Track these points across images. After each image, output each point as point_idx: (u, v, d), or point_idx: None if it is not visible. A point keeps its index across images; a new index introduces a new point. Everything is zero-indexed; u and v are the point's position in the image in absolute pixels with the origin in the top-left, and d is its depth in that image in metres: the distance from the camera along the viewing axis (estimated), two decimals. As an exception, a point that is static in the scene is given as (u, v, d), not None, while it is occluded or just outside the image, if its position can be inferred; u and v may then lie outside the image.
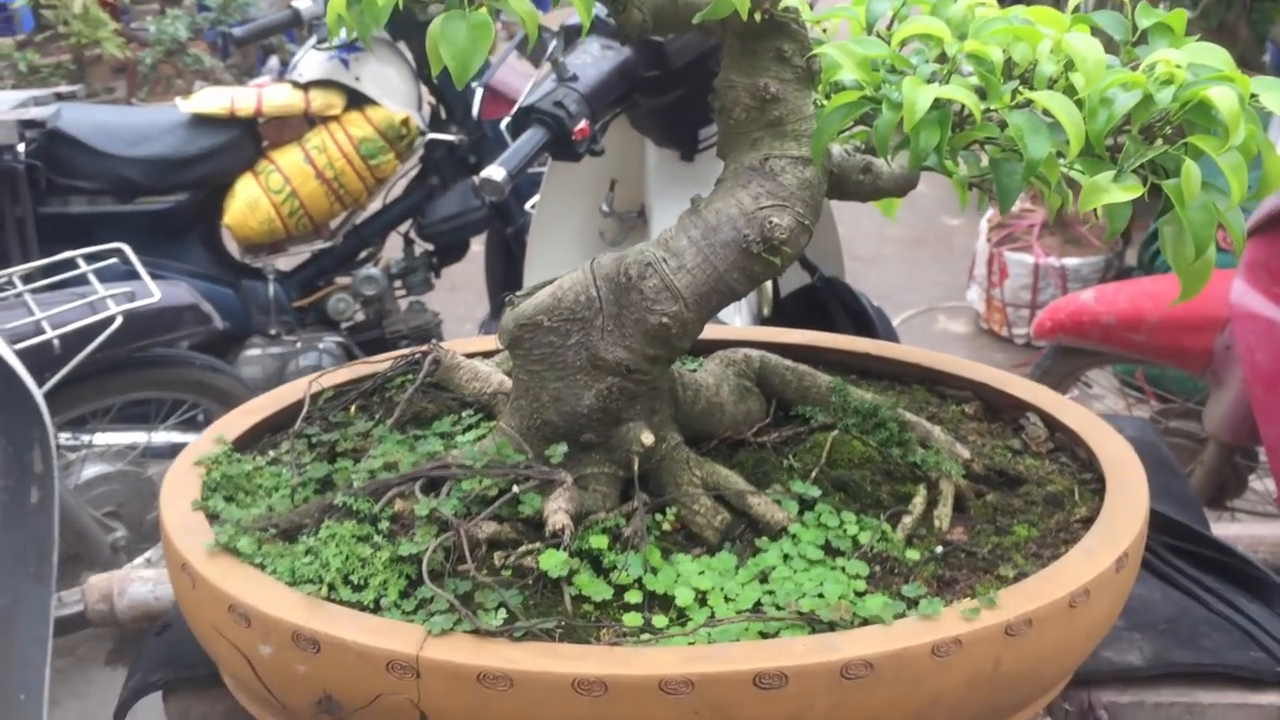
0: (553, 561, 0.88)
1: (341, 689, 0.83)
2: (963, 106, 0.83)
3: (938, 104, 0.81)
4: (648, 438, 0.96)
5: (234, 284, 3.30)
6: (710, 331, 1.29)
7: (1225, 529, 1.38)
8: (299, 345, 3.29)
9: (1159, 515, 1.24)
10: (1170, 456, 1.42)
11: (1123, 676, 1.03)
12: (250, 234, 3.25)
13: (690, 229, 0.93)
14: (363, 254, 3.49)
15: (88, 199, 3.18)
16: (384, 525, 0.91)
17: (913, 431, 1.06)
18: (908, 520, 0.97)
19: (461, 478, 0.94)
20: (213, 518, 0.97)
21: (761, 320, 2.93)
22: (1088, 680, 1.02)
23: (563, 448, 0.96)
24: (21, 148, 3.01)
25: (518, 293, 0.99)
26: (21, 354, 2.54)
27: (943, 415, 1.16)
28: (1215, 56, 0.83)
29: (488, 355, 1.22)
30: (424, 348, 1.14)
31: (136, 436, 2.99)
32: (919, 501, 0.99)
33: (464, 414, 1.09)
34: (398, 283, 3.54)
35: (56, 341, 2.55)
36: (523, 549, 0.90)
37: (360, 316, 3.47)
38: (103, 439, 3.03)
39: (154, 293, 2.65)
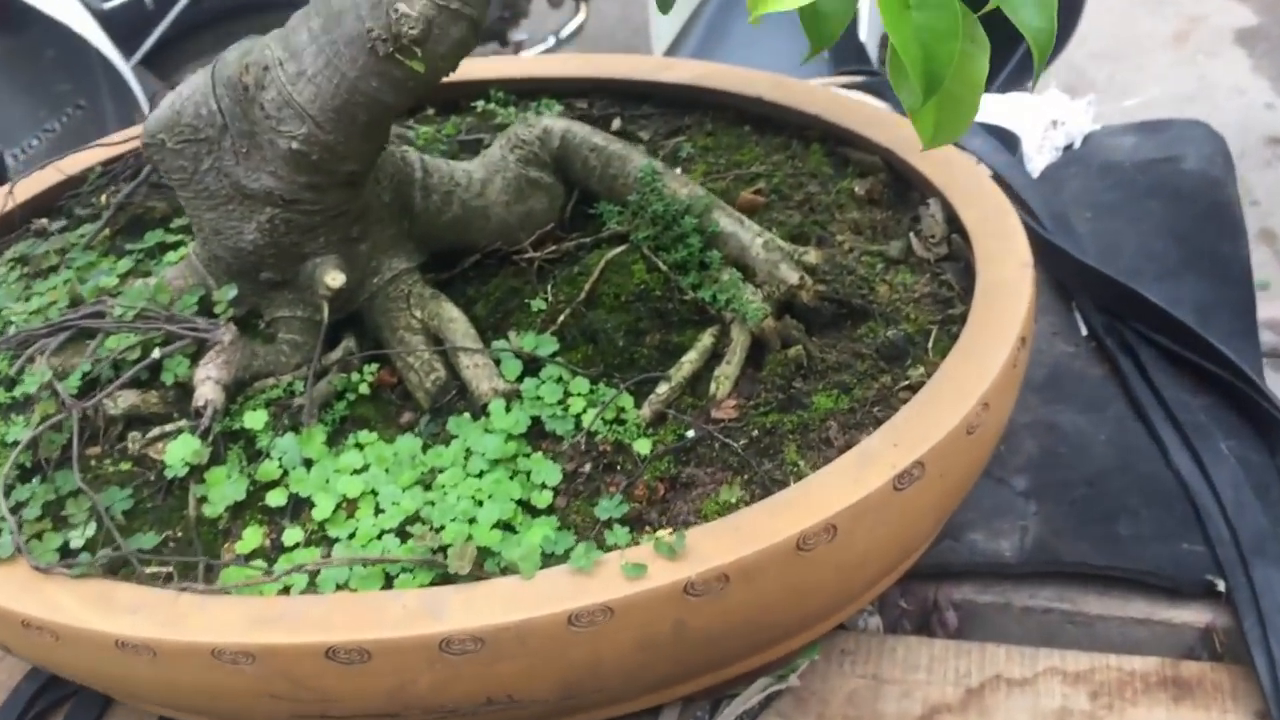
0: (179, 454, 0.72)
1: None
2: None
3: None
4: (334, 279, 0.75)
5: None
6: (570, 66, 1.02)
7: (1284, 307, 1.03)
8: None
9: (1158, 311, 0.92)
10: (1234, 202, 1.05)
11: (984, 571, 0.78)
12: None
13: (313, 17, 0.67)
14: None
15: None
16: (25, 389, 0.77)
17: (722, 247, 0.79)
18: (663, 389, 0.73)
19: (112, 331, 0.77)
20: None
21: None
22: (938, 573, 0.79)
23: (231, 291, 0.77)
24: None
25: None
26: (116, 13, 2.47)
27: (821, 198, 0.87)
28: None
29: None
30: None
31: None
32: (692, 358, 0.74)
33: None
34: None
35: None
36: (154, 433, 0.74)
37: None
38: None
39: None
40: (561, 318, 0.77)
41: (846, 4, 0.51)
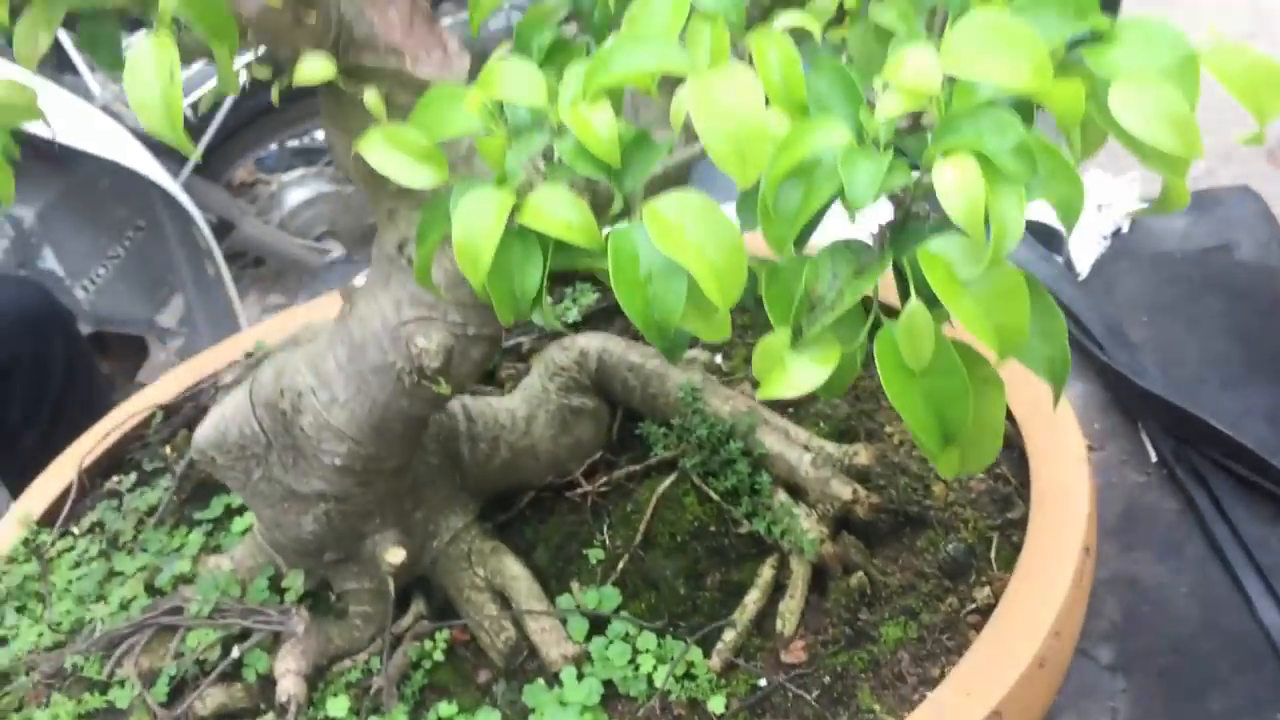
0: (269, 756, 0.74)
1: None
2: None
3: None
4: (395, 555, 0.77)
5: None
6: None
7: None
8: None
9: (1224, 438, 0.89)
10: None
11: (1077, 763, 0.78)
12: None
13: (338, 345, 0.68)
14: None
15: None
16: (121, 694, 0.80)
17: (771, 468, 0.78)
18: (730, 636, 0.73)
19: (192, 627, 0.79)
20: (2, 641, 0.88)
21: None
22: (1028, 766, 0.78)
23: (299, 578, 0.79)
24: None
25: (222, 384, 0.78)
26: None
27: (865, 382, 0.86)
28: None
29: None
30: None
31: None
32: (755, 596, 0.75)
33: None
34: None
35: (190, 112, 2.51)
36: (243, 733, 0.76)
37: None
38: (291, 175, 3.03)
39: None
40: (621, 564, 0.77)
41: (847, 374, 0.50)
